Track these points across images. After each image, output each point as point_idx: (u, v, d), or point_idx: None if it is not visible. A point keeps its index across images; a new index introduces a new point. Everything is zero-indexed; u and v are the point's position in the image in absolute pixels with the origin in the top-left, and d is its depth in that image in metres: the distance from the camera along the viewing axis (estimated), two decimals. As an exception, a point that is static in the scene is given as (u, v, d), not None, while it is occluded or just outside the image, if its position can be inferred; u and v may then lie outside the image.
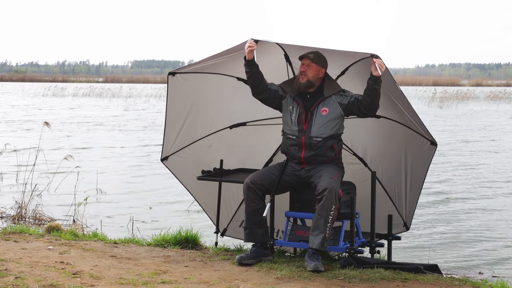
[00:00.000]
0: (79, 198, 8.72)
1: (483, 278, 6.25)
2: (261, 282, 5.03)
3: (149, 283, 4.91)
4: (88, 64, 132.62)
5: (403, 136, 6.06)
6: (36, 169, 10.22)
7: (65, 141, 18.68)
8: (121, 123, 25.34)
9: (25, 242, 6.28)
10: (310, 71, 5.68)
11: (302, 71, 5.69)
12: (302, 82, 5.69)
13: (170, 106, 6.22)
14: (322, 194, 5.40)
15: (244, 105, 6.39)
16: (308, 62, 5.68)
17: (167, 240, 6.55)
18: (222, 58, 5.88)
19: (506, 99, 44.88)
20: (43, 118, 24.17)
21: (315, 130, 5.65)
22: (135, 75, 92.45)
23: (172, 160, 6.47)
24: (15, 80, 77.48)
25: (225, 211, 6.65)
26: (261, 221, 5.65)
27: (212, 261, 5.75)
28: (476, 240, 8.40)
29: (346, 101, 5.67)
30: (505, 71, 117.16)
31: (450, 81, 76.38)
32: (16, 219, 8.36)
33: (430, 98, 42.61)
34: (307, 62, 5.68)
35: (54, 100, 41.19)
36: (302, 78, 5.70)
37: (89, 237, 6.71)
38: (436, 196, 11.29)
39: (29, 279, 4.89)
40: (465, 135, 21.72)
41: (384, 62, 5.40)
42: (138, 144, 18.55)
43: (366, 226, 5.98)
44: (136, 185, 12.07)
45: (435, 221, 9.40)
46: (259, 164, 6.51)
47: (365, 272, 5.29)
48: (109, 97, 45.49)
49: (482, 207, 10.42)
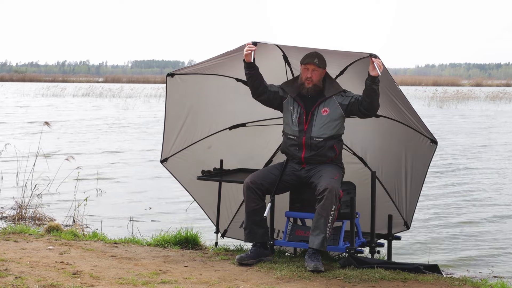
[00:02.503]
0: (79, 198, 8.72)
1: (483, 278, 6.25)
2: (261, 282, 5.04)
3: (149, 283, 4.91)
4: (88, 64, 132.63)
5: (403, 135, 6.06)
6: (36, 169, 10.22)
7: (79, 143, 18.69)
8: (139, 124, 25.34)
9: (25, 242, 6.28)
10: (315, 75, 5.68)
11: (308, 76, 5.68)
12: (309, 87, 5.68)
13: (169, 107, 6.23)
14: (323, 194, 5.40)
15: (244, 106, 6.39)
16: (313, 67, 5.67)
17: (167, 240, 6.55)
18: (221, 59, 5.88)
19: (506, 99, 44.88)
20: (69, 119, 24.19)
21: (316, 130, 5.65)
22: (135, 75, 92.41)
23: (172, 161, 6.48)
24: (15, 80, 77.48)
25: (225, 212, 6.65)
26: (261, 221, 5.66)
27: (212, 261, 5.75)
28: (476, 240, 8.40)
29: (347, 101, 5.67)
30: (505, 71, 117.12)
31: (450, 81, 76.34)
32: (16, 219, 8.37)
33: (430, 98, 42.62)
34: (312, 67, 5.67)
35: (73, 101, 41.10)
36: (308, 83, 5.68)
37: (89, 237, 6.71)
38: (436, 195, 11.29)
39: (29, 279, 4.89)
40: (466, 135, 21.73)
41: (382, 62, 5.40)
42: (138, 144, 18.55)
43: (366, 226, 5.98)
44: (136, 185, 12.07)
45: (435, 221, 9.39)
46: (259, 164, 6.51)
47: (365, 272, 5.30)
48: (109, 97, 45.50)
49: (482, 207, 10.42)
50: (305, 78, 5.69)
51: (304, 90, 5.70)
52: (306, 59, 5.69)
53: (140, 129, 23.12)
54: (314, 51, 5.68)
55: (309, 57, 5.68)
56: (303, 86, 5.71)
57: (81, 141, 18.89)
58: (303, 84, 5.71)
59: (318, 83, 5.70)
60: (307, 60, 5.68)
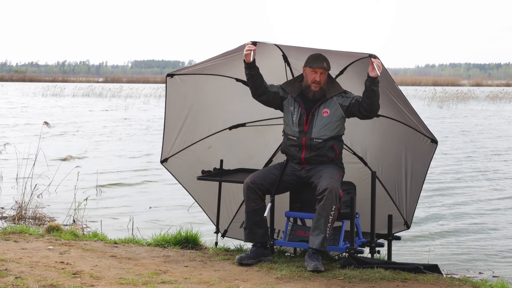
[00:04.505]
0: (79, 198, 8.72)
1: (483, 278, 6.25)
2: (261, 282, 5.03)
3: (149, 283, 4.91)
4: (88, 64, 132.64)
5: (403, 134, 6.06)
6: (36, 170, 10.22)
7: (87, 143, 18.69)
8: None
9: (25, 242, 6.28)
10: (323, 78, 5.67)
11: (317, 80, 5.65)
12: (316, 91, 5.66)
13: (169, 107, 6.23)
14: (323, 194, 5.39)
15: (243, 106, 6.39)
16: (322, 71, 5.65)
17: (167, 240, 6.55)
18: (221, 59, 5.88)
19: (506, 99, 44.87)
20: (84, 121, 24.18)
21: (316, 131, 5.64)
22: (135, 75, 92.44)
23: (172, 161, 6.48)
24: (15, 80, 77.46)
25: (225, 212, 6.65)
26: (261, 221, 5.65)
27: (212, 261, 5.75)
28: (477, 240, 8.41)
29: (347, 102, 5.66)
30: (505, 71, 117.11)
31: (450, 81, 76.33)
32: (16, 219, 8.36)
33: (430, 98, 42.61)
34: (321, 71, 5.65)
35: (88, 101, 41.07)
36: (315, 86, 5.65)
37: (89, 237, 6.71)
38: (436, 195, 11.29)
39: (29, 279, 4.89)
40: (468, 135, 21.74)
41: (382, 63, 5.39)
42: (138, 144, 18.56)
43: (366, 226, 5.98)
44: (136, 185, 12.07)
45: (435, 221, 9.40)
46: (259, 165, 6.51)
47: (365, 272, 5.29)
48: (109, 97, 45.49)
49: (483, 207, 10.42)
50: (312, 81, 5.66)
51: (310, 93, 5.67)
52: (316, 62, 5.64)
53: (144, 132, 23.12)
54: (319, 53, 5.64)
55: (318, 61, 5.64)
56: (309, 89, 5.68)
57: (84, 143, 18.89)
58: (309, 87, 5.67)
59: (324, 86, 5.69)
60: (317, 64, 5.63)
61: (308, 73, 5.69)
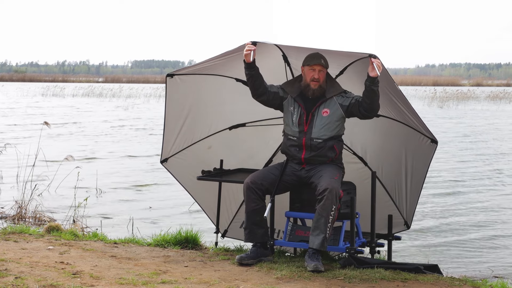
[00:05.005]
0: (79, 198, 8.72)
1: (483, 278, 6.25)
2: (261, 282, 5.03)
3: (149, 283, 4.91)
4: (88, 64, 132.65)
5: (403, 134, 6.06)
6: (36, 170, 10.22)
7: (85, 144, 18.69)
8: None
9: (25, 242, 6.28)
10: (322, 76, 5.66)
11: (316, 78, 5.65)
12: (315, 89, 5.66)
13: (169, 108, 6.23)
14: (323, 194, 5.39)
15: (243, 106, 6.39)
16: (320, 68, 5.64)
17: (167, 240, 6.55)
18: (221, 59, 5.88)
19: (506, 99, 44.86)
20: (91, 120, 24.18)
21: (316, 131, 5.64)
22: (135, 75, 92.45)
23: (172, 161, 6.48)
24: (15, 80, 77.47)
25: (225, 212, 6.65)
26: (261, 221, 5.65)
27: (212, 261, 5.75)
28: (477, 240, 8.40)
29: (347, 102, 5.66)
30: (505, 71, 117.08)
31: (450, 81, 76.32)
32: (16, 219, 8.36)
33: (430, 98, 42.61)
34: (319, 68, 5.64)
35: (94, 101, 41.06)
36: (314, 84, 5.65)
37: (89, 237, 6.71)
38: (436, 195, 11.29)
39: (29, 279, 4.89)
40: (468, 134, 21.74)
41: (382, 63, 5.39)
42: (138, 144, 18.56)
43: (366, 226, 5.98)
44: (136, 185, 12.06)
45: (435, 221, 9.40)
46: (259, 165, 6.51)
47: (365, 272, 5.29)
48: (109, 97, 45.49)
49: (483, 207, 10.42)
50: (311, 79, 5.65)
51: (310, 92, 5.67)
52: (313, 60, 5.64)
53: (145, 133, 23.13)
54: (316, 51, 5.65)
55: (315, 58, 5.64)
56: (308, 88, 5.67)
57: (84, 143, 18.89)
58: (308, 86, 5.67)
59: (323, 84, 5.68)
60: (314, 61, 5.63)
61: (306, 72, 5.69)
